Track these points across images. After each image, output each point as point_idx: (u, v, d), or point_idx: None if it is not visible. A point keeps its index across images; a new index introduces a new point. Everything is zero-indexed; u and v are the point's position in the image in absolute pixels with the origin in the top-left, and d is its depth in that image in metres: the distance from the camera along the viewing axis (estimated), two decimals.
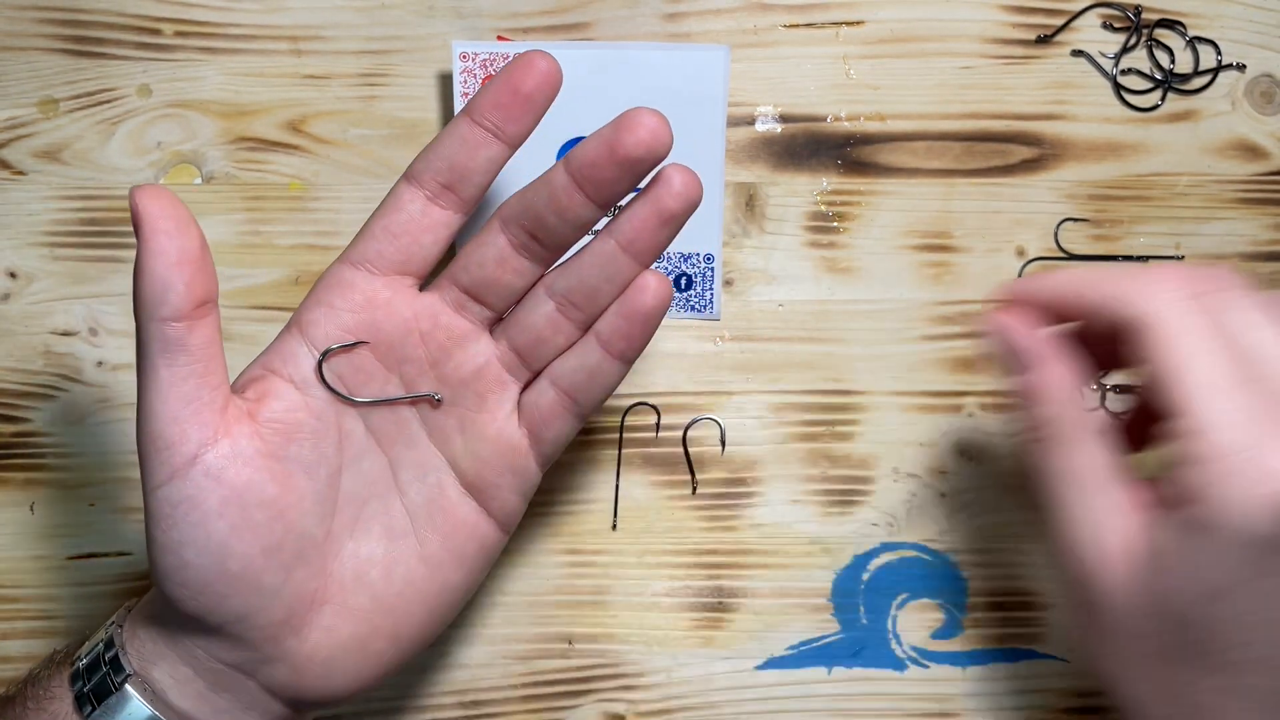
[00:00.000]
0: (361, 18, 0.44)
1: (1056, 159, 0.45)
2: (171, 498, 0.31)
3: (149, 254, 0.30)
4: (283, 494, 0.33)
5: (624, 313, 0.33)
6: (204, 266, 0.31)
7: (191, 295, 0.30)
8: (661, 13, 0.45)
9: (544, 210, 0.33)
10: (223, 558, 0.32)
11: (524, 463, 0.35)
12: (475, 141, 0.33)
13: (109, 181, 0.45)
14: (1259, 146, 0.45)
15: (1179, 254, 0.45)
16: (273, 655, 0.33)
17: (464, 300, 0.35)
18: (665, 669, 0.45)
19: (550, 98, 0.33)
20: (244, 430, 0.32)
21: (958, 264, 0.45)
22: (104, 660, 0.34)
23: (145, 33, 0.44)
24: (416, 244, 0.34)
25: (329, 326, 0.34)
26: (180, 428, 0.31)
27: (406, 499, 0.35)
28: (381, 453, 0.35)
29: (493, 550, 0.36)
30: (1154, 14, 0.45)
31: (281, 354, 0.34)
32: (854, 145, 0.45)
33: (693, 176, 0.32)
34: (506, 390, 0.35)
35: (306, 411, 0.34)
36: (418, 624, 0.35)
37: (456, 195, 0.34)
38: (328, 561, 0.34)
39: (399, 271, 0.34)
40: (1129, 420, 0.37)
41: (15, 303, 0.45)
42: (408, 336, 0.34)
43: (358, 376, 0.34)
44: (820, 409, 0.45)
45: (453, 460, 0.35)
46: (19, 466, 0.45)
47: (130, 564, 0.45)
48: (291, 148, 0.45)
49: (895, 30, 0.45)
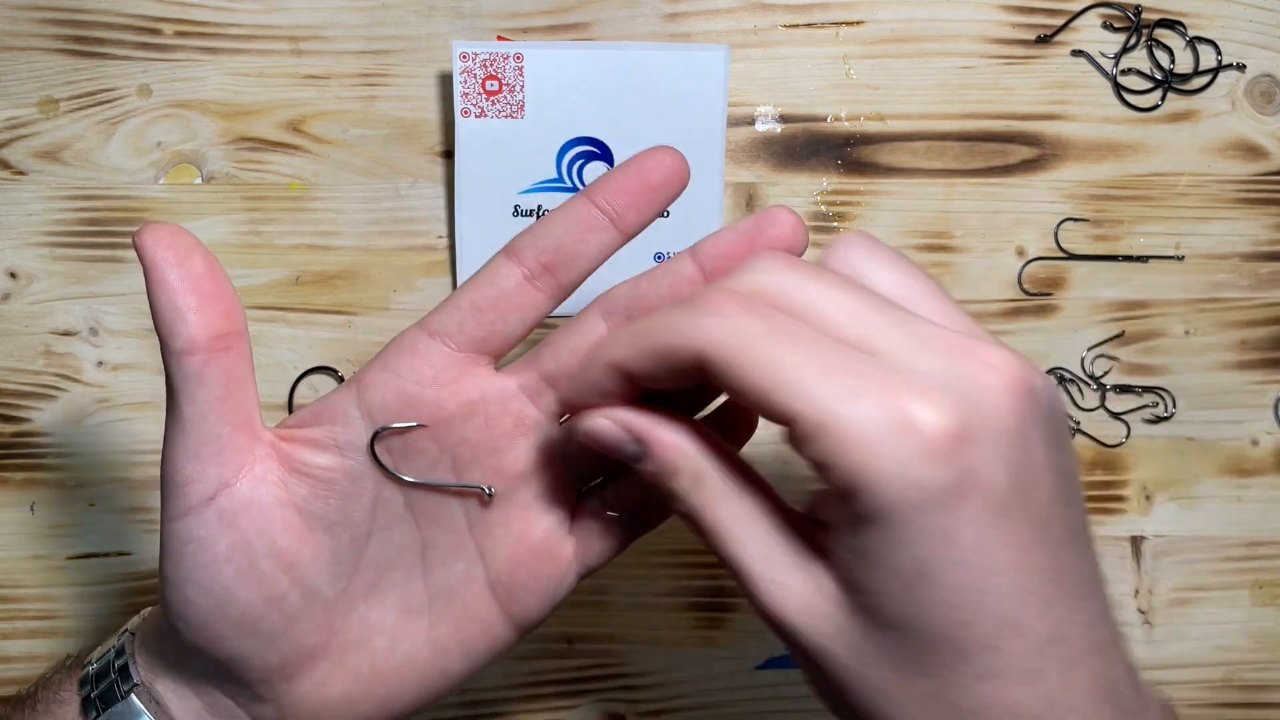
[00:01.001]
0: (361, 18, 0.44)
1: (1056, 159, 0.45)
2: (181, 535, 0.30)
3: (154, 287, 0.29)
4: (296, 547, 0.32)
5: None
6: (216, 295, 0.30)
7: (204, 324, 0.29)
8: (661, 13, 0.45)
9: (658, 300, 0.31)
10: (225, 602, 0.31)
11: (563, 573, 0.33)
12: (590, 224, 0.31)
13: (109, 181, 0.45)
14: (1259, 146, 0.45)
15: (1179, 254, 0.45)
16: (264, 696, 0.33)
17: (543, 390, 0.33)
18: (665, 669, 0.45)
19: (675, 195, 0.32)
20: (270, 475, 0.31)
21: (958, 264, 0.45)
22: (113, 668, 0.33)
23: (145, 33, 0.44)
24: (502, 322, 0.32)
25: (387, 393, 0.32)
26: (199, 465, 0.30)
27: (429, 580, 0.33)
28: (416, 528, 0.33)
29: (502, 650, 0.34)
30: (1154, 14, 0.45)
31: (334, 409, 0.32)
32: (854, 145, 0.45)
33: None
34: (564, 491, 0.33)
35: (342, 473, 0.32)
36: (410, 699, 0.34)
37: (555, 279, 0.32)
38: (334, 618, 0.33)
39: (477, 349, 0.32)
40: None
41: (15, 303, 0.45)
42: (471, 419, 0.32)
43: (408, 451, 0.33)
44: None
45: (486, 555, 0.33)
46: (19, 466, 0.45)
47: (130, 564, 0.45)
48: (291, 148, 0.45)
49: (895, 30, 0.45)
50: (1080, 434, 0.45)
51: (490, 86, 0.43)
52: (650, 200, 0.31)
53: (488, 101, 0.43)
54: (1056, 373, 0.45)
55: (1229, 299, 0.46)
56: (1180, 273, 0.46)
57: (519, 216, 0.44)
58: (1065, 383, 0.45)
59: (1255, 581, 0.46)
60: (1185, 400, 0.46)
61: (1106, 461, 0.45)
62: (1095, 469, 0.45)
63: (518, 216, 0.44)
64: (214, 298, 0.30)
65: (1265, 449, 0.46)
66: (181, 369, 0.30)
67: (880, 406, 0.24)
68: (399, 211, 0.45)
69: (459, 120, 0.43)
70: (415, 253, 0.45)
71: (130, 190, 0.45)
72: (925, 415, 0.24)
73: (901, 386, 0.25)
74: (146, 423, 0.45)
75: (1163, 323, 0.46)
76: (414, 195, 0.45)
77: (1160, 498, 0.45)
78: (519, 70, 0.42)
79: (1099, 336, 0.45)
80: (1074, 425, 0.45)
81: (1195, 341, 0.46)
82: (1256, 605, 0.46)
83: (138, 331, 0.45)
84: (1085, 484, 0.45)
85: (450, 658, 0.34)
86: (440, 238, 0.45)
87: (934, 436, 0.24)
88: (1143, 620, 0.45)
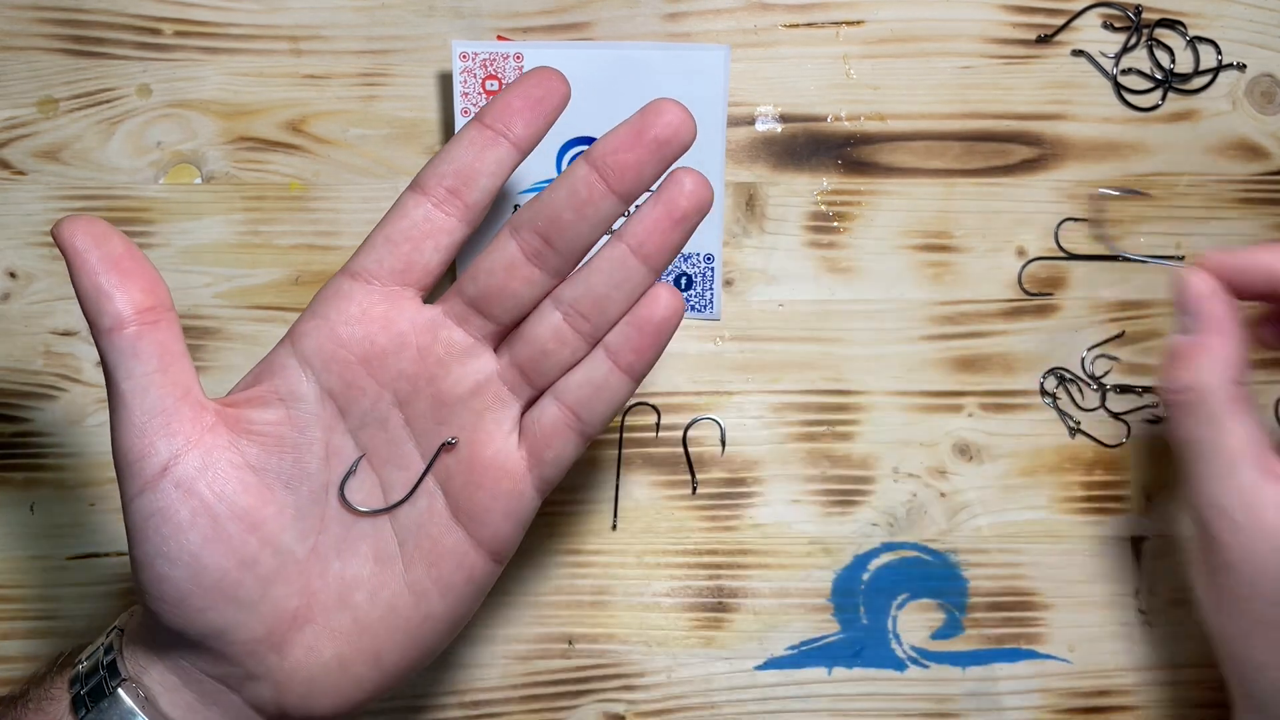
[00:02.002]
0: (361, 18, 0.44)
1: (1056, 159, 0.45)
2: (143, 510, 0.31)
3: (75, 271, 0.30)
4: (258, 506, 0.32)
5: (635, 323, 0.33)
6: (136, 271, 0.31)
7: (128, 299, 0.30)
8: (661, 13, 0.45)
9: (562, 207, 0.32)
10: (196, 570, 0.31)
11: (520, 488, 0.34)
12: (483, 143, 0.33)
13: (109, 181, 0.45)
14: (1259, 146, 0.45)
15: (1179, 254, 0.45)
16: (255, 672, 0.33)
17: (468, 313, 0.34)
18: (665, 669, 0.45)
19: (559, 108, 0.33)
20: (220, 440, 0.32)
21: (958, 264, 0.45)
22: (102, 664, 0.33)
23: (145, 33, 0.44)
24: (417, 251, 0.33)
25: (320, 338, 0.33)
26: (147, 440, 0.31)
27: (395, 522, 0.34)
28: (373, 472, 0.34)
29: (482, 583, 0.35)
30: (1154, 14, 0.45)
31: (271, 366, 0.34)
32: (854, 145, 0.45)
33: (703, 179, 0.32)
34: (506, 408, 0.34)
35: (290, 425, 0.33)
36: (400, 651, 0.34)
37: (462, 201, 0.33)
38: (310, 579, 0.33)
39: (399, 282, 0.33)
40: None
41: (15, 303, 0.45)
42: (403, 350, 0.33)
43: (349, 391, 0.33)
44: (820, 409, 0.45)
45: (443, 485, 0.34)
46: (19, 466, 0.45)
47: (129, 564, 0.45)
48: (291, 148, 0.45)
49: (895, 30, 0.45)
50: (1080, 434, 0.45)
51: (490, 86, 0.43)
52: (535, 112, 0.33)
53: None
54: (1056, 373, 0.45)
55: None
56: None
57: None
58: (1065, 383, 0.45)
59: None
60: None
61: (1107, 461, 0.45)
62: (1095, 469, 0.45)
63: None
64: (134, 274, 0.31)
65: None
66: (114, 346, 0.30)
67: None
68: None
69: (459, 120, 0.43)
70: None
71: (130, 190, 0.45)
72: None
73: None
74: None
75: (1163, 323, 0.45)
76: None
77: (1160, 498, 0.45)
78: (519, 70, 0.42)
79: (1099, 336, 0.45)
80: (1074, 425, 0.45)
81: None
82: None
83: None
84: (1085, 484, 0.45)
85: (430, 599, 0.34)
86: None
87: None
88: (1143, 620, 0.45)
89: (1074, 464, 0.45)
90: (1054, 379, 0.45)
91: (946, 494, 0.45)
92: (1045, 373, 0.45)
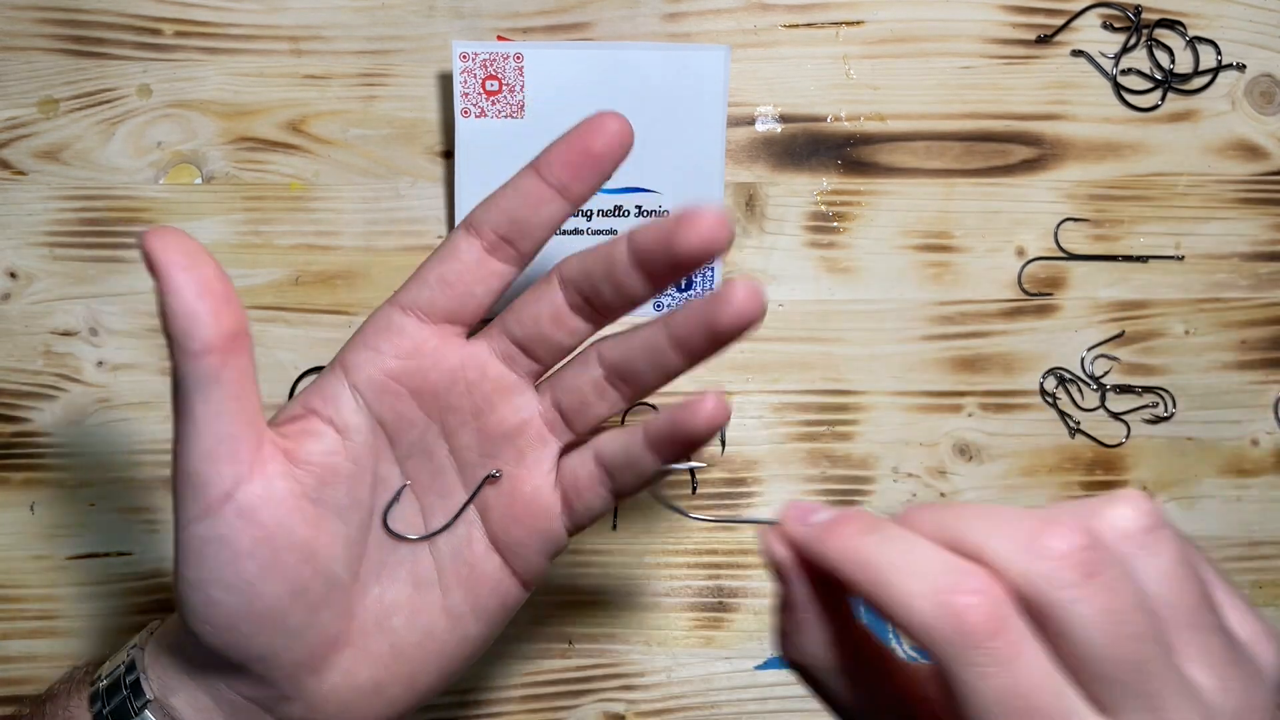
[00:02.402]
0: (361, 18, 0.44)
1: (1056, 159, 0.45)
2: (203, 535, 0.31)
3: (169, 292, 0.29)
4: (314, 537, 0.32)
5: (674, 423, 0.32)
6: (227, 298, 0.30)
7: (219, 326, 0.30)
8: (661, 13, 0.45)
9: (601, 281, 0.32)
10: (250, 598, 0.31)
11: (554, 526, 0.34)
12: (538, 198, 0.33)
13: (109, 181, 0.45)
14: (1259, 146, 0.45)
15: (1179, 254, 0.45)
16: (291, 694, 0.33)
17: (513, 353, 0.34)
18: (665, 669, 0.45)
19: (620, 159, 0.32)
20: (279, 470, 0.32)
21: (958, 264, 0.45)
22: (125, 684, 0.33)
23: (145, 33, 0.44)
24: (469, 294, 0.33)
25: (373, 370, 0.33)
26: (215, 465, 0.30)
27: (435, 549, 0.35)
28: (415, 498, 0.35)
29: (513, 607, 0.36)
30: (1154, 14, 0.45)
31: (323, 394, 0.34)
32: (854, 145, 0.45)
33: (755, 296, 0.31)
34: (546, 448, 0.34)
35: (344, 455, 0.33)
36: (434, 673, 0.35)
37: (514, 249, 0.33)
38: (353, 604, 0.33)
39: (449, 320, 0.34)
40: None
41: (15, 303, 0.45)
42: (453, 385, 0.34)
43: (400, 423, 0.34)
44: (820, 409, 0.45)
45: (483, 514, 0.35)
46: (19, 466, 0.45)
47: (130, 564, 0.45)
48: (291, 148, 0.45)
49: (895, 30, 0.45)
50: (1080, 434, 0.45)
51: (490, 86, 0.43)
52: (594, 170, 0.32)
53: (488, 101, 0.43)
54: (1056, 373, 0.45)
55: (1229, 299, 0.46)
56: (1180, 273, 0.46)
57: None
58: (1065, 383, 0.45)
59: (1255, 581, 0.46)
60: (1185, 400, 0.46)
61: (1106, 461, 0.45)
62: (1095, 469, 0.45)
63: None
64: (225, 298, 0.30)
65: (1265, 449, 0.46)
66: (198, 370, 0.30)
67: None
68: (399, 211, 0.45)
69: (459, 120, 0.43)
70: (415, 253, 0.45)
71: (130, 190, 0.45)
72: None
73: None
74: (147, 423, 0.45)
75: (1162, 323, 0.46)
76: (414, 195, 0.45)
77: (1160, 498, 0.45)
78: (519, 70, 0.42)
79: (1099, 336, 0.45)
80: (1074, 425, 0.45)
81: (1195, 341, 0.46)
82: (1257, 605, 0.46)
83: (138, 331, 0.45)
84: (1085, 484, 0.45)
85: (467, 622, 0.35)
86: (440, 238, 0.45)
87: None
88: None
89: (1074, 464, 0.45)
90: (1054, 379, 0.45)
91: (946, 494, 0.45)
92: (1045, 373, 0.45)
